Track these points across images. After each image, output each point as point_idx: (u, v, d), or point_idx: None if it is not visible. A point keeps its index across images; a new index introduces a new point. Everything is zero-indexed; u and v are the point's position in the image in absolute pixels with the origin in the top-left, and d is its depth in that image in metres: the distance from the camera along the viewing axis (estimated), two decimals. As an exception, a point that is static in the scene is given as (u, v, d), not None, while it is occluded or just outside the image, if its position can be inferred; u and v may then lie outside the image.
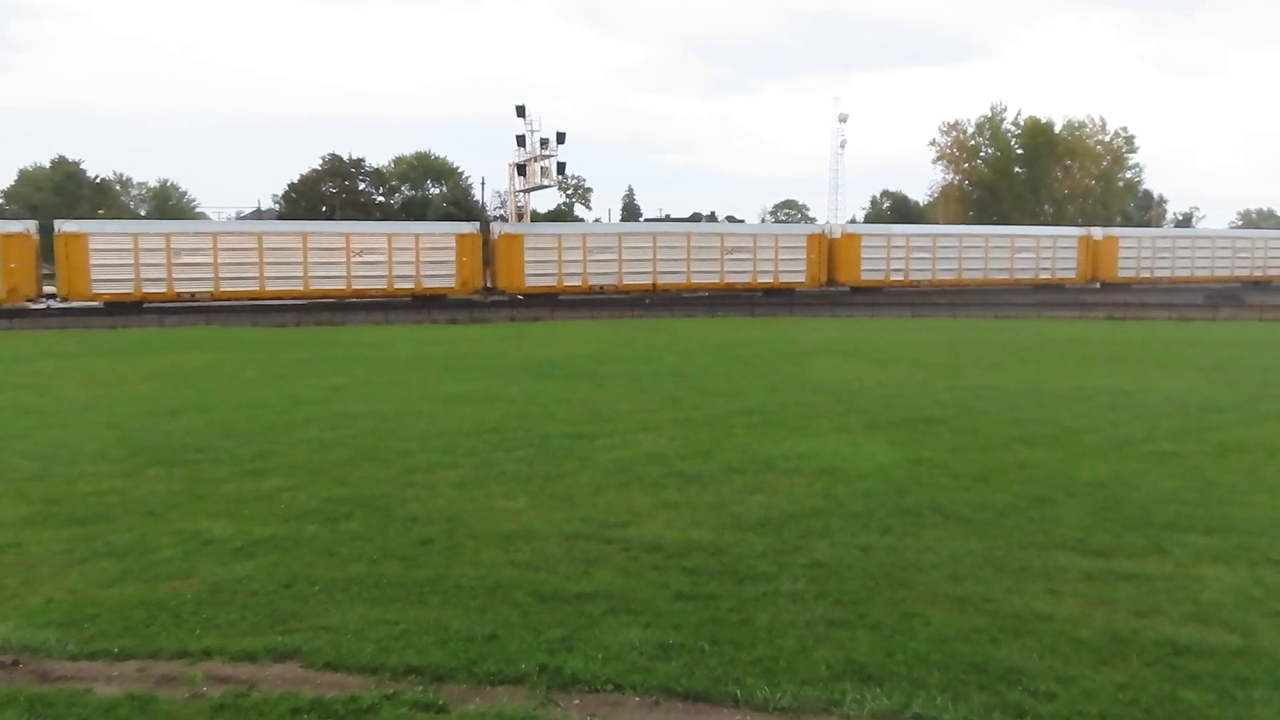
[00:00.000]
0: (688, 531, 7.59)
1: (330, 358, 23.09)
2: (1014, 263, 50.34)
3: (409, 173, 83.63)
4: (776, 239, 46.67)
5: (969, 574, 6.56)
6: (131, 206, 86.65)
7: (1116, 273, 52.31)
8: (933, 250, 48.72)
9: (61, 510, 8.34)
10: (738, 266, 45.26)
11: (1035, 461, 10.30)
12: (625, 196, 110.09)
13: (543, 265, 42.22)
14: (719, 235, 46.22)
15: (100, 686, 4.91)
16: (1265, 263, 56.37)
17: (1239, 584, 6.41)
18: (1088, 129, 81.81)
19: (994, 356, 22.83)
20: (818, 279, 46.83)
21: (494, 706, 4.65)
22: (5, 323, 35.24)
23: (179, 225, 42.39)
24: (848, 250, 47.20)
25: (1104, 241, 52.49)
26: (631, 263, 43.68)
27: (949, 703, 4.64)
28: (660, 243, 44.37)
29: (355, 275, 40.08)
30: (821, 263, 46.84)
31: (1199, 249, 54.91)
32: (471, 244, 41.64)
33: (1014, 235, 52.11)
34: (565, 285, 42.71)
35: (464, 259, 41.27)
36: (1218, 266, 55.05)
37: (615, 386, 16.95)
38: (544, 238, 43.04)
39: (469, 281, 41.53)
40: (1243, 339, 28.79)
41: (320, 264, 39.55)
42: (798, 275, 46.36)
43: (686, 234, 45.82)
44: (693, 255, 44.48)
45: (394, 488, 9.11)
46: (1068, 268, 51.65)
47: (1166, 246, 54.17)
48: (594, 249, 43.22)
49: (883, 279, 47.75)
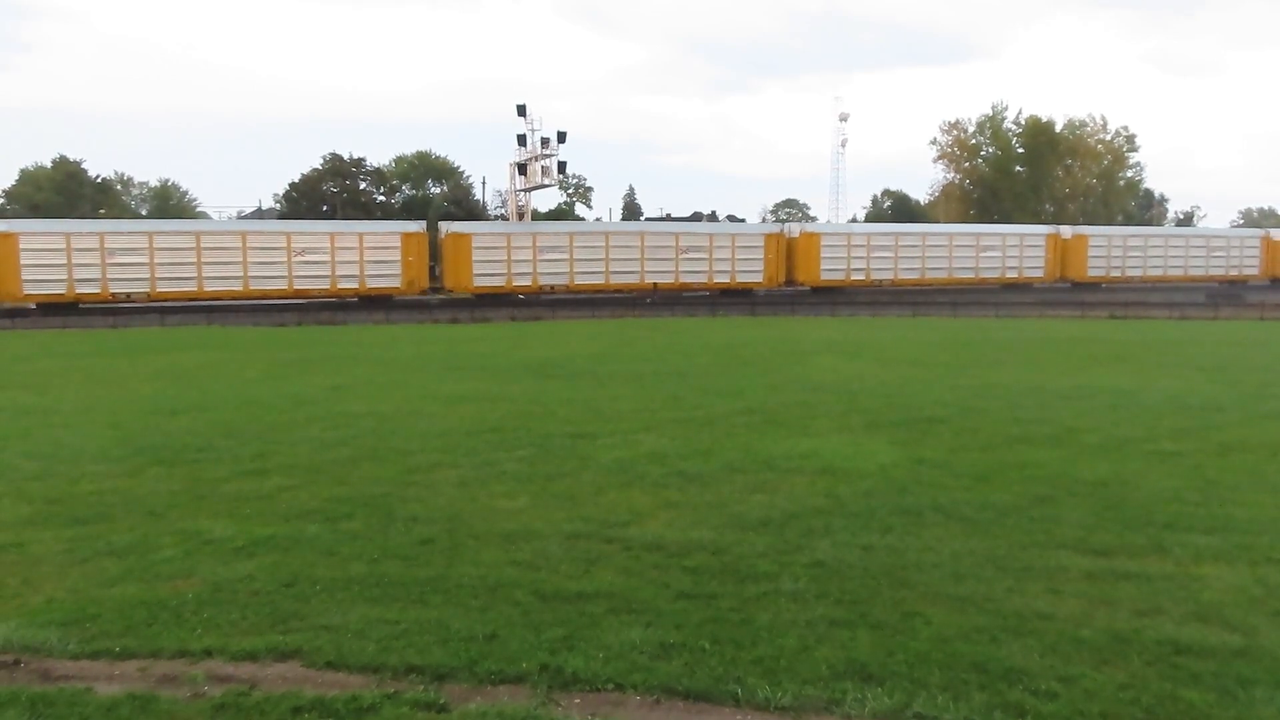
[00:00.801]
0: (689, 531, 7.59)
1: (331, 357, 23.10)
2: (979, 262, 49.84)
3: (410, 172, 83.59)
4: (733, 239, 46.27)
5: (970, 573, 6.56)
6: (133, 206, 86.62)
7: (1086, 272, 51.81)
8: (895, 250, 48.21)
9: (63, 510, 8.34)
10: (694, 267, 44.74)
11: (1036, 461, 10.30)
12: (626, 196, 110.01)
13: (492, 265, 41.67)
14: (674, 235, 45.71)
15: (101, 686, 4.91)
16: (1241, 262, 55.65)
17: (1240, 583, 6.40)
18: (1089, 128, 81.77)
19: (995, 356, 22.83)
20: (776, 279, 46.34)
21: (495, 706, 4.65)
22: (7, 322, 35.27)
23: (113, 225, 41.26)
24: (806, 250, 46.72)
25: (1073, 240, 51.95)
26: (584, 263, 43.02)
27: (950, 702, 4.63)
28: (614, 242, 43.83)
29: (297, 275, 39.41)
30: (780, 263, 46.40)
31: (1172, 248, 54.30)
32: (417, 243, 41.12)
33: (979, 234, 51.67)
34: (515, 286, 42.10)
35: (410, 258, 40.69)
36: (1192, 266, 54.41)
37: (616, 386, 16.96)
38: (492, 237, 42.49)
39: (415, 281, 40.92)
40: (1244, 338, 28.77)
41: (260, 264, 38.88)
42: (755, 275, 45.89)
43: (640, 233, 45.52)
44: (647, 255, 43.97)
45: (395, 487, 9.11)
46: (1035, 267, 51.13)
47: (1138, 245, 53.48)
48: (545, 249, 42.57)
49: (843, 279, 47.26)
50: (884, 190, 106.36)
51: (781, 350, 24.26)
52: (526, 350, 25.00)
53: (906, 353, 23.29)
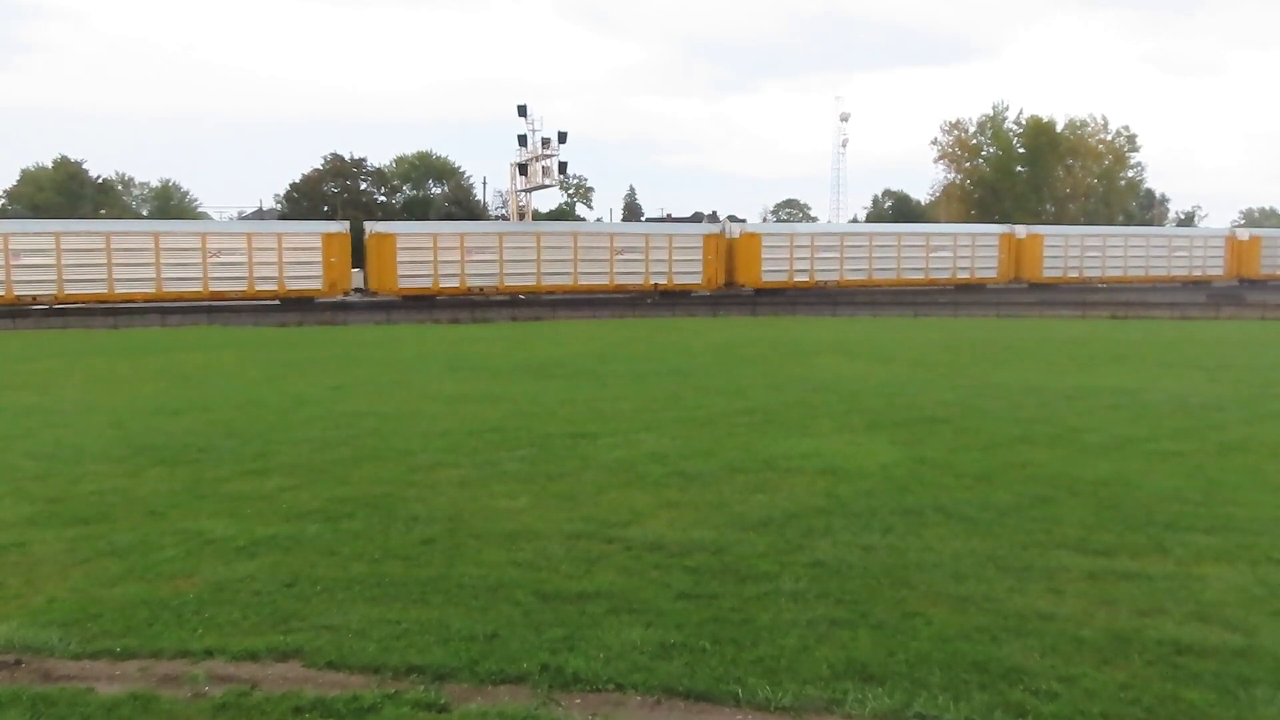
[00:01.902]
0: (689, 531, 7.59)
1: (332, 357, 23.11)
2: (929, 262, 49.05)
3: (410, 172, 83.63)
4: (670, 239, 45.49)
5: (971, 573, 6.56)
6: (134, 206, 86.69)
7: (1041, 272, 50.79)
8: (840, 250, 47.47)
9: (64, 510, 8.34)
10: (629, 268, 44.01)
11: (1037, 461, 10.29)
12: (627, 196, 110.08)
13: (417, 266, 40.93)
14: (608, 235, 45.08)
15: (102, 686, 4.91)
16: (1205, 263, 54.36)
17: (1241, 583, 6.39)
18: (1089, 128, 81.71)
19: (995, 355, 22.82)
20: (715, 281, 45.61)
21: (496, 706, 4.64)
22: (8, 322, 35.31)
23: (17, 225, 40.20)
24: (747, 251, 45.90)
25: (1027, 240, 50.98)
26: (514, 264, 42.35)
27: (951, 702, 4.63)
28: (545, 243, 43.06)
29: (212, 277, 38.54)
30: (720, 264, 45.62)
31: (1133, 248, 53.14)
32: (339, 244, 40.32)
33: (929, 234, 51.04)
34: (442, 288, 41.48)
35: (331, 259, 39.90)
36: (1153, 266, 53.29)
37: (617, 386, 16.96)
38: (418, 237, 41.69)
39: (338, 283, 40.28)
40: (1245, 338, 28.76)
41: (174, 265, 37.95)
42: (693, 277, 45.19)
43: (573, 233, 44.68)
44: (580, 256, 43.19)
45: (396, 487, 9.11)
46: (988, 267, 50.29)
47: (1096, 245, 52.40)
48: (472, 249, 41.78)
49: (786, 280, 46.49)
50: (885, 190, 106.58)
51: (782, 350, 24.26)
52: (527, 350, 25.01)
53: (907, 353, 23.28)
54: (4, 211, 72.11)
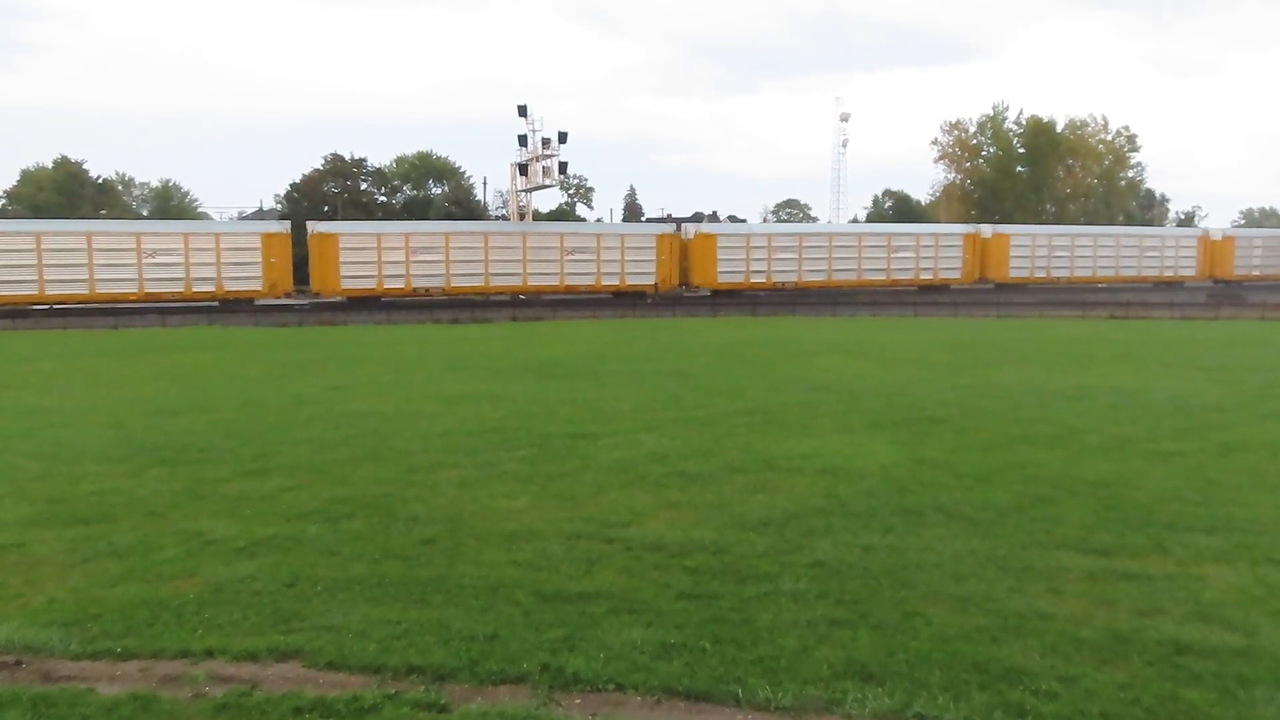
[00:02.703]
0: (690, 531, 7.59)
1: (332, 357, 23.12)
2: (891, 263, 48.39)
3: (411, 172, 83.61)
4: (623, 239, 44.59)
5: (971, 573, 6.56)
6: (134, 206, 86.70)
7: (1008, 273, 50.22)
8: (799, 251, 46.76)
9: (64, 510, 8.35)
10: (580, 269, 43.36)
11: (1037, 461, 10.30)
12: (627, 196, 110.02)
13: (361, 267, 40.21)
14: (559, 235, 44.26)
15: (103, 686, 4.91)
16: (1177, 262, 53.63)
17: (1241, 583, 6.40)
18: (1090, 128, 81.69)
19: (996, 356, 22.82)
20: (670, 282, 45.06)
21: (496, 706, 4.65)
22: (8, 323, 35.32)
23: None
24: (702, 252, 45.28)
25: (993, 240, 50.31)
26: (461, 264, 41.63)
27: (951, 702, 4.63)
28: (493, 243, 42.35)
29: (148, 278, 37.67)
30: (674, 264, 45.05)
31: (1102, 248, 52.38)
32: (279, 244, 39.51)
33: (890, 234, 50.37)
34: (386, 288, 40.80)
35: (272, 260, 39.07)
36: (1123, 267, 52.68)
37: (617, 386, 16.96)
38: (361, 237, 40.93)
39: (278, 284, 39.52)
40: (1245, 338, 28.75)
41: (107, 265, 37.07)
42: (646, 278, 44.45)
43: (522, 234, 43.68)
44: (529, 256, 42.59)
45: (396, 487, 9.12)
46: (952, 268, 49.65)
47: (1065, 245, 51.61)
48: (418, 249, 40.99)
49: (742, 281, 45.85)
50: (885, 190, 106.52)
51: (782, 350, 24.26)
52: (527, 350, 25.02)
53: (907, 353, 23.29)
54: (4, 212, 72.15)
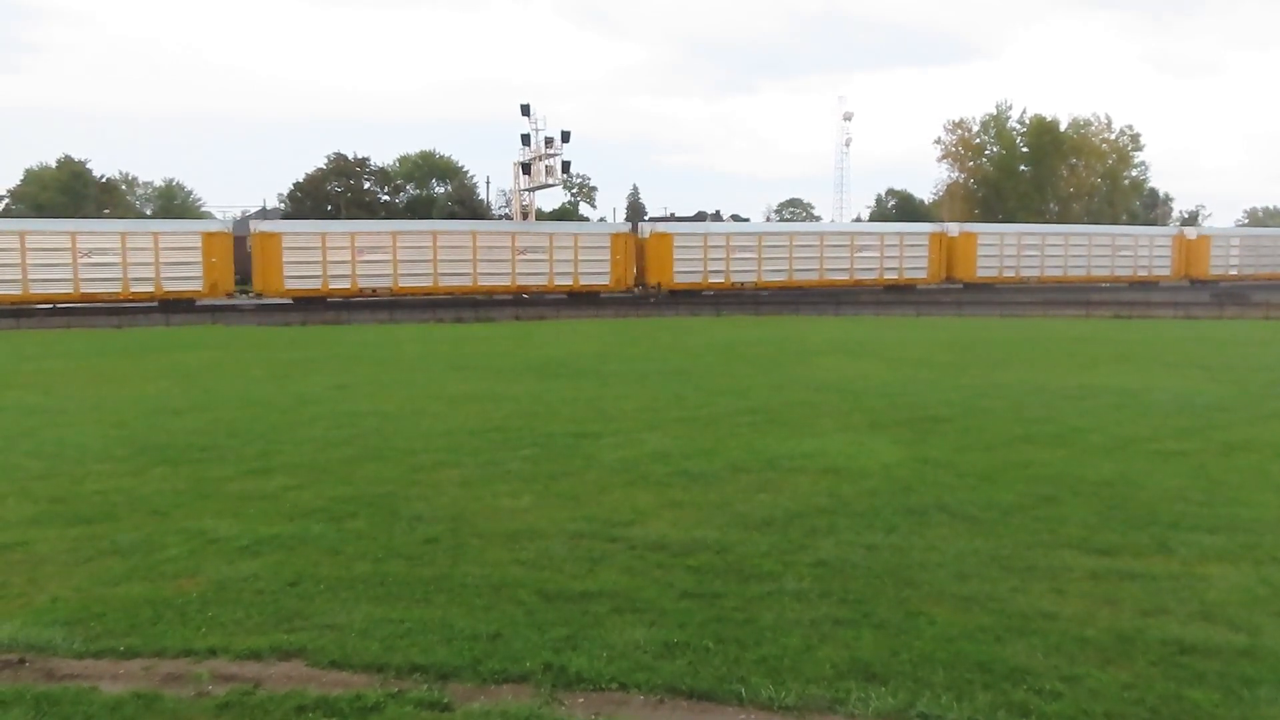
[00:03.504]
0: (692, 530, 7.58)
1: (335, 356, 23.13)
2: (854, 263, 47.68)
3: (414, 172, 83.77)
4: (576, 238, 43.79)
5: (974, 573, 6.55)
6: (137, 206, 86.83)
7: (975, 272, 49.30)
8: (758, 251, 45.90)
9: (67, 509, 8.35)
10: (532, 268, 42.70)
11: (1041, 460, 10.28)
12: (630, 195, 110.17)
13: (305, 266, 39.33)
14: (510, 235, 43.28)
15: (106, 685, 4.92)
16: (1151, 262, 52.84)
17: (1245, 583, 6.38)
18: (1093, 127, 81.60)
19: (999, 355, 22.80)
20: (624, 281, 44.08)
21: (499, 705, 4.65)
22: (12, 321, 35.37)
23: None
24: (658, 251, 44.41)
25: (960, 238, 49.56)
26: (409, 264, 40.95)
27: (954, 702, 4.63)
28: (443, 242, 41.47)
29: (84, 278, 36.75)
30: (628, 264, 44.16)
31: (1074, 246, 51.50)
32: (220, 243, 38.82)
33: (854, 233, 49.81)
34: (331, 288, 40.00)
35: (212, 259, 38.36)
36: (1095, 266, 51.91)
37: (620, 385, 16.96)
38: (305, 236, 40.06)
39: (220, 284, 38.80)
40: (1249, 338, 28.70)
41: (42, 265, 36.19)
42: (601, 278, 43.49)
43: (472, 233, 42.75)
44: (480, 256, 41.79)
45: (399, 486, 9.12)
46: (918, 268, 48.83)
47: (1034, 244, 50.84)
48: (364, 249, 40.29)
49: (700, 281, 44.96)
50: (888, 189, 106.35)
51: (785, 349, 24.24)
52: (530, 349, 25.02)
53: (911, 352, 23.26)
54: (7, 211, 72.28)
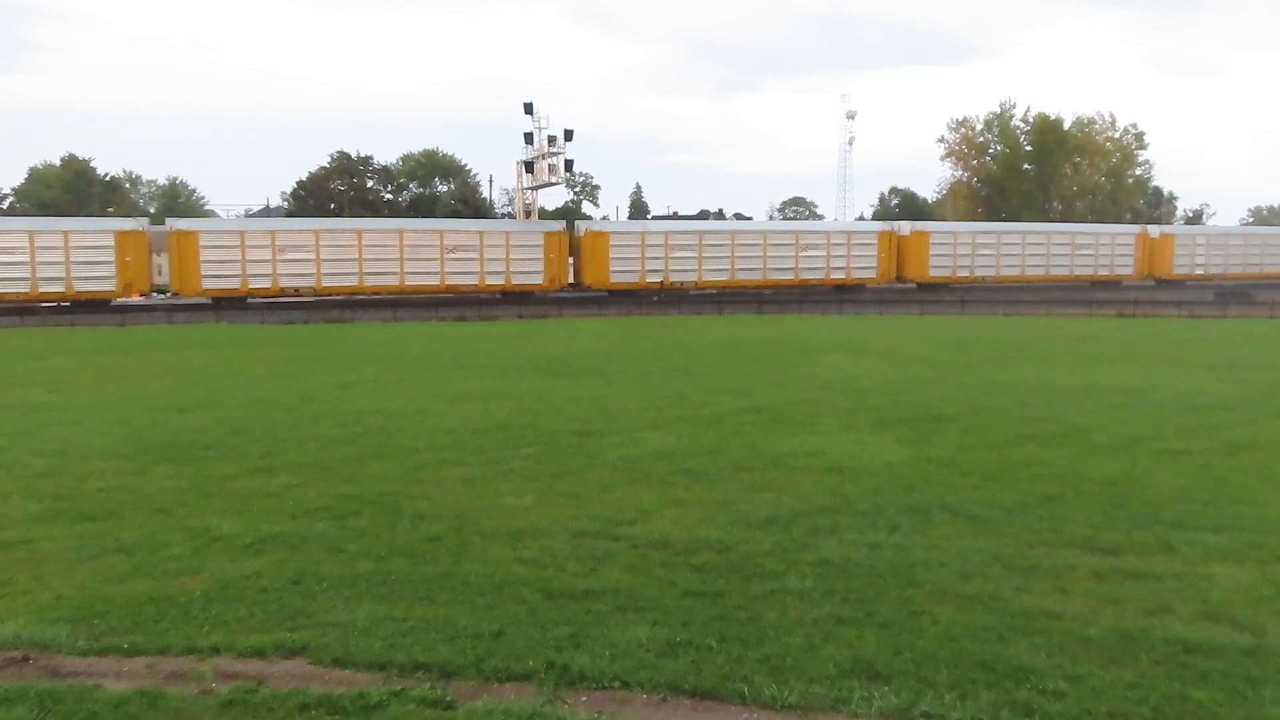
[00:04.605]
0: (695, 529, 7.58)
1: (339, 355, 23.16)
2: (800, 263, 47.10)
3: (417, 170, 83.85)
4: (508, 236, 43.35)
5: (977, 572, 6.54)
6: (141, 204, 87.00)
7: (927, 272, 48.75)
8: (699, 250, 45.50)
9: (71, 507, 8.37)
10: (462, 267, 42.28)
11: (1044, 459, 10.26)
12: (633, 194, 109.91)
13: (224, 266, 38.89)
14: (438, 233, 42.84)
15: (110, 682, 4.92)
16: (1113, 261, 52.18)
17: (1249, 582, 6.37)
18: (1097, 125, 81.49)
19: (1002, 354, 22.77)
20: (559, 281, 43.90)
21: (501, 703, 4.65)
22: (15, 320, 35.44)
23: None
24: (594, 250, 43.97)
25: (911, 237, 49.00)
26: (332, 263, 40.54)
27: (957, 701, 4.62)
28: (367, 240, 41.09)
29: None
30: (562, 263, 43.87)
31: (1031, 245, 50.93)
32: (135, 242, 38.26)
33: (799, 232, 49.36)
34: (251, 288, 39.51)
35: (126, 259, 37.80)
36: (1055, 265, 51.09)
37: (623, 384, 16.96)
38: (224, 234, 39.77)
39: (134, 283, 38.36)
40: (1253, 337, 28.64)
41: None
42: (534, 277, 43.30)
43: (399, 231, 42.39)
44: (407, 255, 41.37)
45: (402, 485, 9.12)
46: (866, 267, 48.28)
47: (990, 243, 50.15)
48: (285, 247, 39.65)
49: (637, 281, 44.49)
50: (891, 188, 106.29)
51: (788, 348, 24.23)
52: (532, 348, 25.03)
53: (914, 351, 23.24)
54: (12, 209, 72.42)
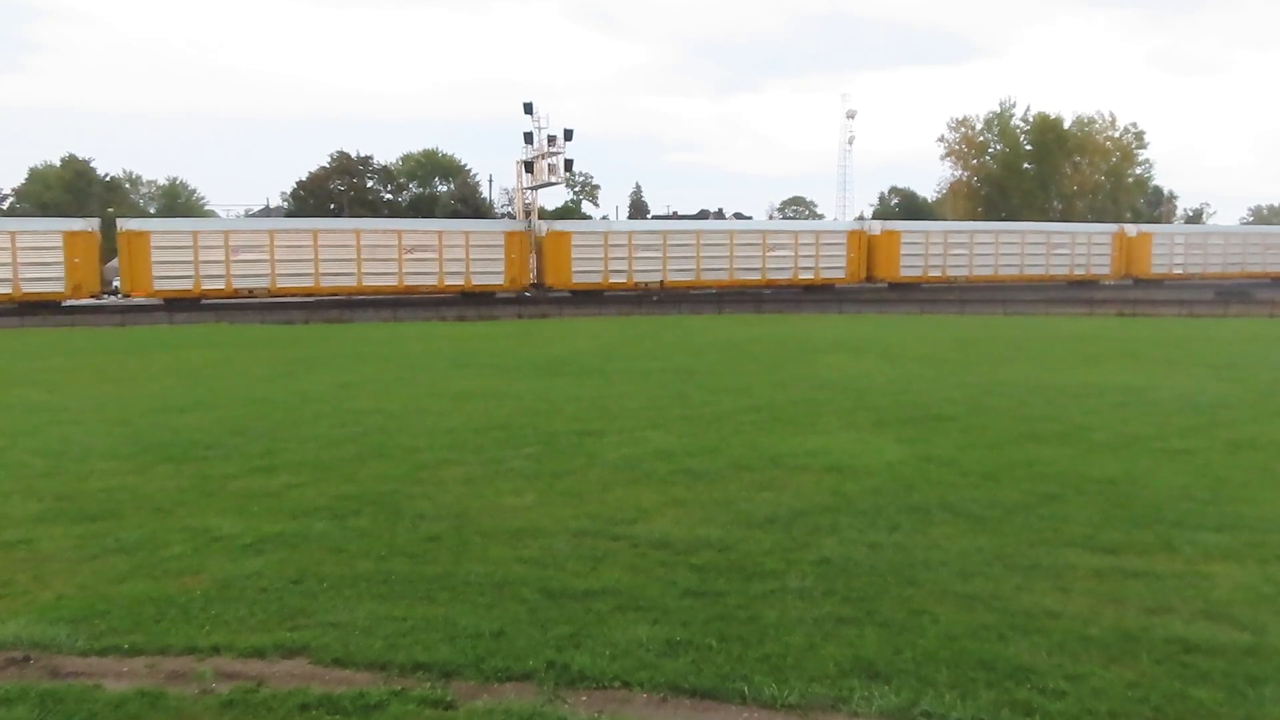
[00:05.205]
0: (695, 528, 7.58)
1: (339, 355, 23.16)
2: (766, 262, 46.69)
3: (417, 170, 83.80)
4: (468, 236, 42.91)
5: (978, 571, 6.54)
6: (141, 204, 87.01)
7: (898, 272, 48.46)
8: (663, 250, 45.09)
9: (72, 507, 8.37)
10: (421, 268, 41.96)
11: (1044, 459, 10.26)
12: (633, 193, 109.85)
13: (176, 267, 38.36)
14: (396, 233, 42.33)
15: (110, 682, 4.92)
16: (1089, 260, 51.86)
17: (1249, 581, 6.37)
18: (1097, 125, 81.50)
19: (1003, 353, 22.76)
20: (520, 281, 43.48)
21: (502, 703, 4.65)
22: (16, 320, 35.44)
23: None
24: (556, 250, 43.63)
25: (881, 237, 48.66)
26: (288, 263, 39.99)
27: (957, 700, 4.62)
28: (323, 240, 40.56)
29: None
30: (523, 263, 43.47)
31: (1005, 244, 50.51)
32: (84, 243, 37.66)
33: (766, 231, 48.90)
34: (205, 289, 39.00)
35: (75, 260, 37.23)
36: (1029, 265, 50.77)
37: (623, 383, 16.95)
38: (176, 235, 39.04)
39: (83, 284, 37.72)
40: (1253, 335, 28.64)
41: None
42: (495, 277, 42.92)
43: (355, 231, 41.86)
44: (364, 255, 40.89)
45: (402, 485, 9.12)
46: (836, 267, 47.91)
47: (962, 243, 49.69)
48: (239, 248, 39.12)
49: (600, 282, 44.13)
50: (891, 187, 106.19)
51: (788, 347, 24.23)
52: (533, 347, 25.03)
53: (914, 350, 23.24)
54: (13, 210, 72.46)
